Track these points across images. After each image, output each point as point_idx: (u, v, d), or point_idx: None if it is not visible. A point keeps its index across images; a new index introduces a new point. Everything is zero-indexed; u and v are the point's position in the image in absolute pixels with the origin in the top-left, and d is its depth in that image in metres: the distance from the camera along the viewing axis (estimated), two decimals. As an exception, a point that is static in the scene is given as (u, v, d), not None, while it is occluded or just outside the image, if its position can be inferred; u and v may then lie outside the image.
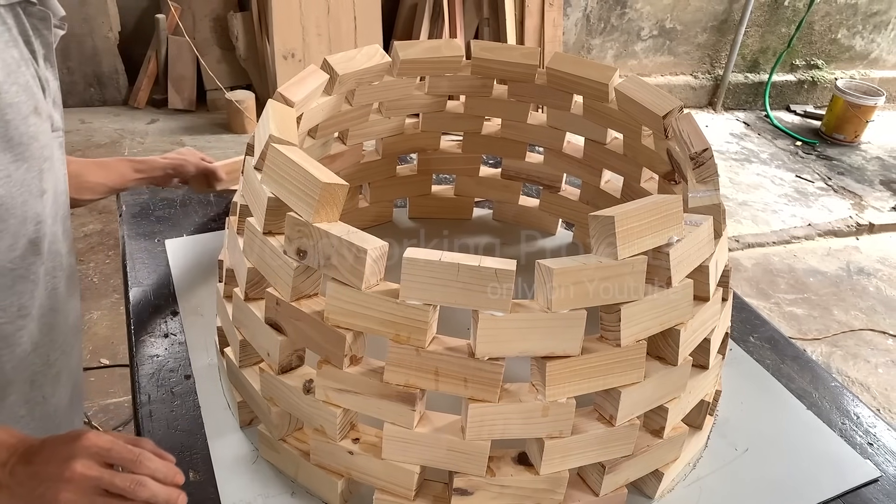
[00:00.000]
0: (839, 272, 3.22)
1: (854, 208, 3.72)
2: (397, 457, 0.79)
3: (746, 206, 3.61)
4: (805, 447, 1.02)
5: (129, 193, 1.45)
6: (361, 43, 3.35)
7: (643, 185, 1.18)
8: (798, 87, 4.83)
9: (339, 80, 1.08)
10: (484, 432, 0.77)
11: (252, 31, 3.55)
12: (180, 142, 3.42)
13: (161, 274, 1.23)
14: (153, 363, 1.05)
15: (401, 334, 0.74)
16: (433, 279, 0.70)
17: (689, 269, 0.81)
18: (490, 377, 0.74)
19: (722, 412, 1.06)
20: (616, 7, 4.10)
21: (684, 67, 4.55)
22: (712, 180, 0.91)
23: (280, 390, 0.84)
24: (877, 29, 4.85)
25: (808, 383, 1.15)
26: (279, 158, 0.79)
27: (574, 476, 0.86)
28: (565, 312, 0.72)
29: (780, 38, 4.62)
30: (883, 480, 0.99)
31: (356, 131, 1.23)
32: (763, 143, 4.34)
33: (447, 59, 1.21)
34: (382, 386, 0.76)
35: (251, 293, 0.86)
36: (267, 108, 0.92)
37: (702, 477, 0.95)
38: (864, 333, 2.84)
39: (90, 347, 2.22)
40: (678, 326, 0.80)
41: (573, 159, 1.29)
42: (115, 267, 2.54)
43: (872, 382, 2.59)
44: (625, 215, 0.73)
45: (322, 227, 0.74)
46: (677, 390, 0.85)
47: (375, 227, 1.38)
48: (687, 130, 0.98)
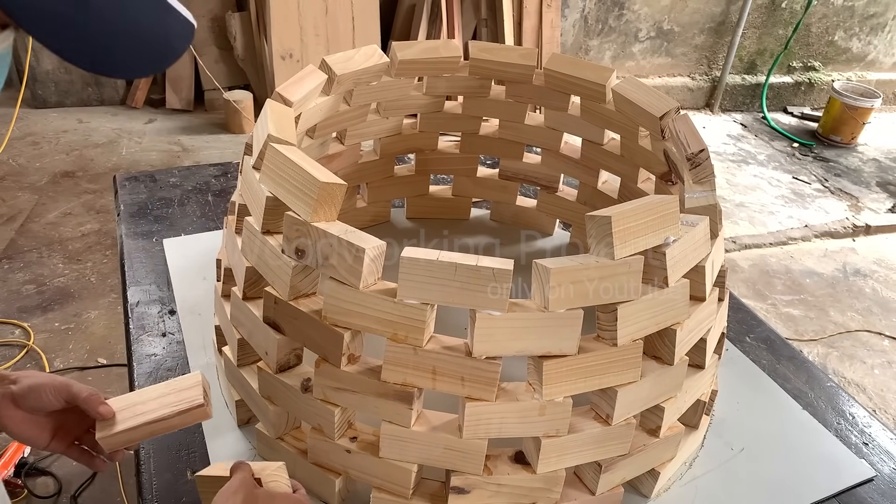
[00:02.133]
0: (836, 273, 3.23)
1: (850, 210, 3.73)
2: (395, 455, 0.80)
3: (743, 208, 3.62)
4: (801, 447, 1.02)
5: (128, 192, 1.45)
6: (359, 43, 3.35)
7: (640, 186, 1.19)
8: (795, 89, 4.84)
9: (338, 80, 1.08)
10: (481, 431, 0.77)
11: (250, 32, 3.55)
12: (178, 141, 3.42)
13: (159, 273, 1.23)
14: (151, 362, 1.05)
15: (398, 333, 0.74)
16: (431, 278, 0.71)
17: (685, 269, 0.81)
18: (487, 376, 0.74)
19: (718, 412, 1.06)
20: (614, 8, 4.10)
21: (682, 69, 4.55)
22: (709, 181, 0.92)
23: (278, 389, 0.84)
24: (873, 31, 4.86)
25: (803, 383, 1.15)
26: (278, 158, 0.79)
27: (570, 475, 0.86)
28: (562, 312, 0.73)
29: (777, 39, 4.63)
30: (878, 480, 1.00)
31: (354, 131, 1.24)
32: (760, 144, 4.35)
33: (445, 60, 1.22)
34: (380, 385, 0.76)
35: (249, 292, 0.86)
36: (265, 107, 0.92)
37: (698, 476, 0.96)
38: (860, 334, 2.85)
39: (87, 347, 2.21)
40: (674, 326, 0.80)
41: (570, 160, 1.30)
42: (113, 266, 2.54)
43: (868, 383, 2.60)
44: (622, 215, 0.73)
45: (320, 227, 0.74)
46: (673, 390, 0.85)
47: (373, 227, 1.38)
48: (683, 131, 0.99)
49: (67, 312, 2.34)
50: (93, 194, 2.95)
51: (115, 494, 1.78)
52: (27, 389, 0.75)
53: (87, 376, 2.11)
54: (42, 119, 3.49)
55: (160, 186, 1.48)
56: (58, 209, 2.84)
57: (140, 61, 0.54)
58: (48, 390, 0.76)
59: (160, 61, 0.55)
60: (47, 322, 2.29)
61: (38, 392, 0.75)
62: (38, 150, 3.24)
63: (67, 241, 2.66)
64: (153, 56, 0.54)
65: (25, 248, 2.60)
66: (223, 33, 3.66)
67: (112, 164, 3.18)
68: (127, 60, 0.53)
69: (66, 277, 2.49)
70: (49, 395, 0.75)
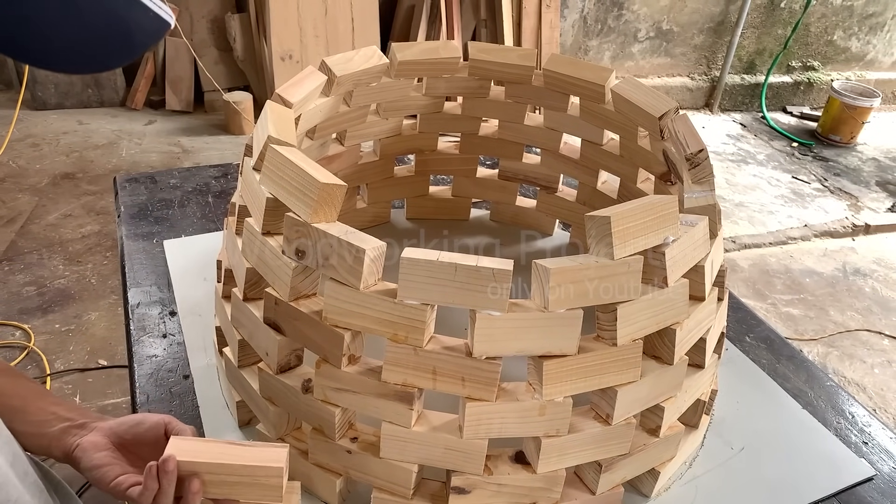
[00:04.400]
0: (835, 273, 3.23)
1: (850, 209, 3.73)
2: (395, 456, 0.80)
3: (743, 207, 3.62)
4: (800, 446, 1.03)
5: (128, 193, 1.45)
6: (359, 44, 3.36)
7: (639, 186, 1.19)
8: (794, 89, 4.85)
9: (337, 81, 1.08)
10: (481, 431, 0.77)
11: (250, 33, 3.55)
12: (178, 143, 3.42)
13: (159, 274, 1.23)
14: (152, 363, 1.05)
15: (399, 334, 0.74)
16: (431, 279, 0.71)
17: (684, 269, 0.81)
18: (487, 376, 0.74)
19: (718, 411, 1.06)
20: (613, 9, 4.11)
21: (681, 69, 4.56)
22: (708, 181, 0.92)
23: (279, 390, 0.84)
24: (872, 31, 4.86)
25: (803, 383, 1.16)
26: (278, 159, 0.80)
27: (571, 475, 0.87)
28: (562, 312, 0.73)
29: (776, 39, 4.63)
30: (878, 479, 1.00)
31: (354, 132, 1.24)
32: (759, 144, 4.35)
33: (444, 61, 1.22)
34: (380, 385, 0.76)
35: (250, 293, 0.86)
36: (265, 109, 0.92)
37: (698, 476, 0.96)
38: (860, 334, 2.85)
39: (88, 349, 2.22)
40: (674, 326, 0.81)
41: (570, 160, 1.30)
42: (113, 268, 2.54)
43: (868, 383, 2.60)
44: (621, 215, 0.74)
45: (320, 228, 0.74)
46: (673, 389, 0.86)
47: (373, 228, 1.38)
48: (682, 131, 0.99)
49: (68, 314, 2.34)
50: (93, 196, 2.96)
51: (116, 496, 1.78)
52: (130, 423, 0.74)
53: (87, 378, 2.12)
54: (42, 121, 3.50)
55: (160, 188, 1.49)
56: (58, 211, 2.84)
57: (81, 55, 0.48)
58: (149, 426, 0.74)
59: (109, 58, 0.50)
60: (48, 324, 2.29)
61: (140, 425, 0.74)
62: (38, 151, 3.24)
63: (68, 242, 2.67)
64: (100, 51, 0.49)
65: (26, 250, 2.60)
66: (223, 34, 3.66)
67: (112, 166, 3.19)
68: (67, 52, 0.47)
69: (66, 279, 2.49)
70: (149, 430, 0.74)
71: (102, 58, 0.50)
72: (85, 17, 0.47)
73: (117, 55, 0.50)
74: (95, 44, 0.48)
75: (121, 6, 0.48)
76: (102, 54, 0.49)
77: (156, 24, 0.51)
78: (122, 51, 0.50)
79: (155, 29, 0.51)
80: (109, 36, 0.49)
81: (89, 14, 0.47)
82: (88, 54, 0.49)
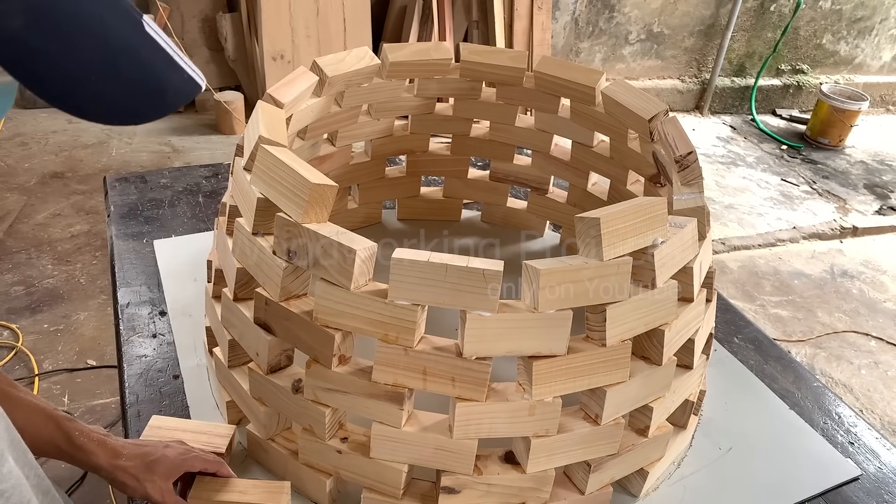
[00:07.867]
0: (823, 275, 3.25)
1: (838, 212, 3.76)
2: (385, 456, 0.80)
3: (732, 209, 3.64)
4: (788, 446, 1.03)
5: (118, 193, 1.45)
6: (351, 45, 3.35)
7: (629, 188, 1.20)
8: (784, 92, 4.87)
9: (329, 81, 1.08)
10: (471, 431, 0.77)
11: (241, 33, 3.54)
12: (168, 142, 3.41)
13: (149, 274, 1.23)
14: (141, 363, 1.05)
15: (389, 334, 0.74)
16: (421, 279, 0.71)
17: (673, 271, 0.82)
18: (477, 377, 0.74)
19: (706, 412, 1.07)
20: (604, 11, 4.12)
21: (671, 71, 4.58)
22: (697, 183, 0.93)
23: (269, 390, 0.84)
24: (861, 34, 4.90)
25: (791, 383, 1.17)
26: (269, 159, 0.80)
27: (560, 474, 0.87)
28: (552, 313, 0.73)
29: (766, 42, 4.66)
30: (863, 479, 1.01)
31: (345, 133, 1.24)
32: (749, 146, 4.37)
33: (436, 62, 1.22)
34: (371, 385, 0.77)
35: (240, 293, 0.86)
36: (256, 109, 0.92)
37: (686, 476, 0.97)
38: (847, 335, 2.87)
39: (77, 349, 2.20)
40: (663, 327, 0.81)
41: (560, 162, 1.30)
42: (103, 268, 2.53)
43: (855, 384, 2.62)
44: (610, 217, 0.74)
45: (311, 228, 0.74)
46: (662, 390, 0.86)
47: (364, 229, 1.38)
48: (672, 134, 1.00)
49: (56, 314, 2.33)
50: (82, 195, 2.94)
51: (105, 497, 1.77)
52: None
53: (76, 378, 2.11)
54: (31, 119, 3.47)
55: (151, 187, 1.48)
56: (47, 210, 2.83)
57: (116, 108, 0.51)
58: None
59: (142, 113, 0.53)
60: (36, 323, 2.28)
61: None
62: (26, 150, 3.22)
63: (56, 242, 2.65)
64: (135, 106, 0.52)
65: (14, 250, 2.58)
66: (214, 34, 3.65)
67: (102, 165, 3.17)
68: (105, 106, 0.50)
69: (55, 279, 2.47)
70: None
71: (136, 112, 0.53)
72: (124, 77, 0.50)
73: (150, 112, 0.53)
74: (132, 101, 0.52)
75: (159, 69, 0.53)
76: (136, 109, 0.53)
77: (189, 87, 0.56)
78: (155, 108, 0.53)
79: (187, 91, 0.56)
80: (145, 94, 0.53)
81: (128, 72, 0.51)
82: (123, 108, 0.52)
